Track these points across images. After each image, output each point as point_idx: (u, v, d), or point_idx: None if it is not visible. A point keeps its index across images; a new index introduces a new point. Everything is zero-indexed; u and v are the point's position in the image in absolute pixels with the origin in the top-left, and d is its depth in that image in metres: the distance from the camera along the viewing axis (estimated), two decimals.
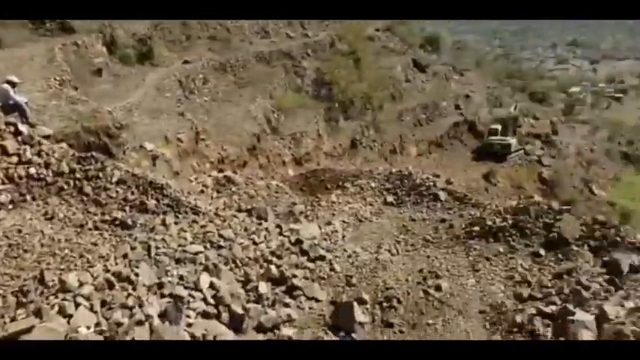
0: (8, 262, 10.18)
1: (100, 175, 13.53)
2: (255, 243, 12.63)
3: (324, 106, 32.30)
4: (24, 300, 8.97)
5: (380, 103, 35.83)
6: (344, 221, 16.14)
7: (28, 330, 7.68)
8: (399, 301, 11.38)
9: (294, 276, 11.64)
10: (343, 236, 14.96)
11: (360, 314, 10.35)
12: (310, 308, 10.74)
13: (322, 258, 12.90)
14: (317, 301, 11.23)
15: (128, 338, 7.69)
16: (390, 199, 18.63)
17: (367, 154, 33.20)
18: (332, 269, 12.66)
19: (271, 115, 28.48)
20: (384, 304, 11.30)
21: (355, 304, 10.51)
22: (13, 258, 10.31)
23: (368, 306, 11.26)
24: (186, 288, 9.53)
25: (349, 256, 13.55)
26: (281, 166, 26.56)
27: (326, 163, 28.62)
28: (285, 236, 13.56)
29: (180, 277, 9.84)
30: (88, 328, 8.00)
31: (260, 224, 13.88)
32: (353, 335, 9.66)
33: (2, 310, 8.78)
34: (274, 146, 27.17)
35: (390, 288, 12.02)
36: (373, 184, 19.49)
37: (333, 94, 32.94)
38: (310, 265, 12.62)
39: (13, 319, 8.42)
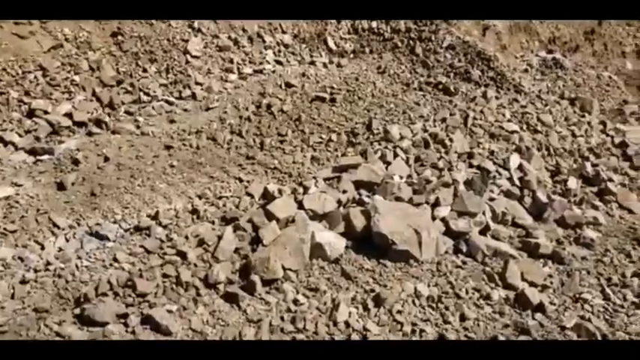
0: (344, 105, 11.70)
1: (433, 37, 13.97)
2: (574, 135, 11.76)
3: None
4: (353, 140, 10.39)
5: None
6: None
7: (355, 166, 9.01)
8: None
9: (610, 180, 10.66)
10: None
11: None
12: (621, 218, 9.81)
13: None
14: (630, 212, 10.20)
15: (432, 198, 8.38)
16: None
17: None
18: None
19: None
20: None
21: None
22: (348, 102, 11.78)
23: None
24: (495, 163, 9.67)
25: None
26: (619, 57, 23.06)
27: None
28: (608, 135, 12.28)
29: (491, 152, 9.97)
30: (401, 177, 8.96)
31: (583, 116, 12.76)
32: None
33: (336, 144, 10.37)
34: (616, 33, 23.50)
35: None
36: None
37: None
38: (632, 172, 11.34)
39: (343, 154, 9.95)
